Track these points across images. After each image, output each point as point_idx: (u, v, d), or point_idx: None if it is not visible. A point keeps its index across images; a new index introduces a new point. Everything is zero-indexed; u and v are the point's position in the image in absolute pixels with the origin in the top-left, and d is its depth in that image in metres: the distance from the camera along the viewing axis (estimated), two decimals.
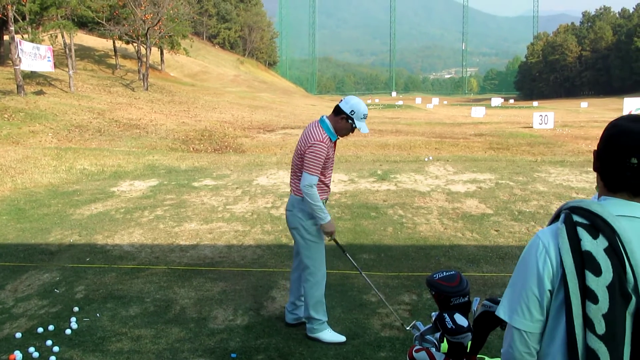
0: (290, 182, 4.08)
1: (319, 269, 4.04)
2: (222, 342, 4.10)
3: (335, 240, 4.11)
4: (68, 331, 4.27)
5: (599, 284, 1.37)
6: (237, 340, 4.11)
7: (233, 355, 3.88)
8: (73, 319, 4.45)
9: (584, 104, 61.19)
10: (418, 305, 4.68)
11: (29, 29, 24.49)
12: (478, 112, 37.44)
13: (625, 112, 34.39)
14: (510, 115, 37.41)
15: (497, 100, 73.50)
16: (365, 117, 3.89)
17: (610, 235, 1.40)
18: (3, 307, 4.86)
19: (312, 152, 3.77)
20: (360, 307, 4.65)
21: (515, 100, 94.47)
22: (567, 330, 1.42)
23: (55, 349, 3.98)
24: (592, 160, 1.59)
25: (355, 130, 3.94)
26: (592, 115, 36.93)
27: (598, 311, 1.37)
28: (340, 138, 4.03)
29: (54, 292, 5.16)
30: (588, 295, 1.38)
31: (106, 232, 7.15)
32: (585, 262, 1.40)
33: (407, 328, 3.99)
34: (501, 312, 1.58)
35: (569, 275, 1.41)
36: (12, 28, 20.98)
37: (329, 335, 4.06)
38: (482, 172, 10.46)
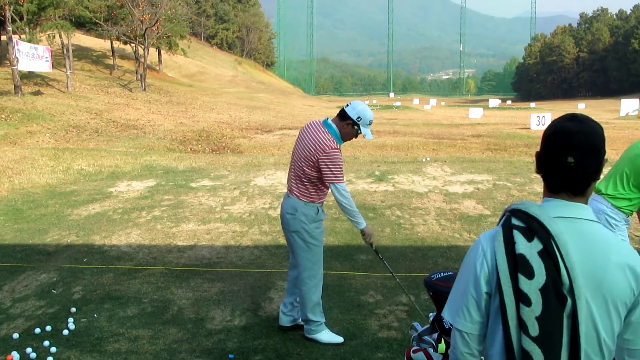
0: (292, 185, 3.94)
1: (318, 271, 4.03)
2: (219, 342, 4.09)
3: (374, 248, 4.05)
4: (65, 332, 4.26)
5: (532, 287, 1.37)
6: (235, 341, 4.11)
7: (231, 356, 3.88)
8: (70, 320, 4.44)
9: (581, 105, 61.32)
10: (416, 306, 4.68)
11: (27, 29, 24.48)
12: (475, 113, 37.51)
13: (622, 114, 34.49)
14: (507, 117, 37.47)
15: (494, 102, 73.58)
16: (370, 123, 3.85)
17: (545, 238, 1.40)
18: (0, 308, 4.85)
19: (331, 160, 3.72)
20: (358, 308, 4.66)
21: (512, 102, 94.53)
22: (504, 333, 1.42)
23: (53, 349, 3.97)
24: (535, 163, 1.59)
25: (367, 136, 3.89)
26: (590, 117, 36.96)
27: (531, 314, 1.37)
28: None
29: (51, 292, 5.15)
30: (521, 298, 1.38)
31: (104, 232, 7.14)
32: (518, 265, 1.40)
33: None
34: (446, 313, 1.61)
35: (503, 278, 1.41)
36: (9, 28, 20.94)
37: (327, 336, 4.05)
38: (479, 173, 10.47)
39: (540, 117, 23.54)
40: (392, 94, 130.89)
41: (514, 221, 1.46)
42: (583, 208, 1.50)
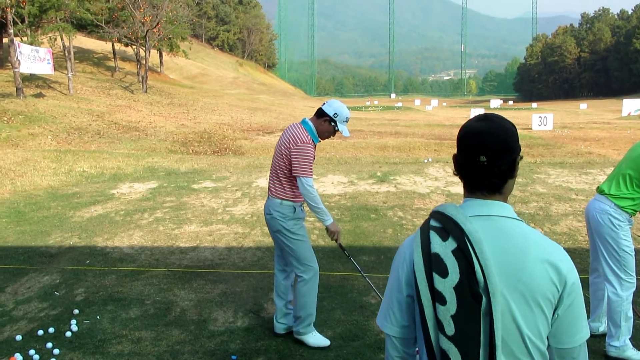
0: (270, 184, 4.00)
1: (310, 266, 4.00)
2: (222, 344, 4.09)
3: (339, 244, 4.10)
4: (68, 334, 4.26)
5: (446, 285, 1.37)
6: (238, 343, 4.11)
7: (233, 357, 3.87)
8: (73, 322, 4.44)
9: (583, 105, 61.22)
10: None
11: (28, 32, 24.50)
12: (477, 113, 37.43)
13: (624, 114, 34.46)
14: (509, 117, 36.86)
15: (496, 102, 73.49)
16: (347, 120, 3.91)
17: (459, 237, 1.39)
18: (3, 310, 4.86)
19: (300, 153, 3.76)
20: (361, 309, 4.65)
21: (514, 102, 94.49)
22: (423, 332, 1.42)
23: (56, 351, 3.97)
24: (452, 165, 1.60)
25: (344, 133, 3.95)
26: (591, 117, 36.95)
27: (447, 312, 1.37)
28: (324, 140, 4.05)
29: (54, 294, 5.16)
30: (437, 297, 1.38)
31: (106, 234, 7.15)
32: (432, 264, 1.40)
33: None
34: (377, 319, 1.62)
35: (419, 277, 1.42)
36: (11, 31, 21.00)
37: (313, 339, 4.02)
38: None
39: (542, 117, 23.52)
40: (393, 95, 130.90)
41: (432, 222, 1.48)
42: (501, 206, 1.50)
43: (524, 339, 1.41)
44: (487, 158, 1.45)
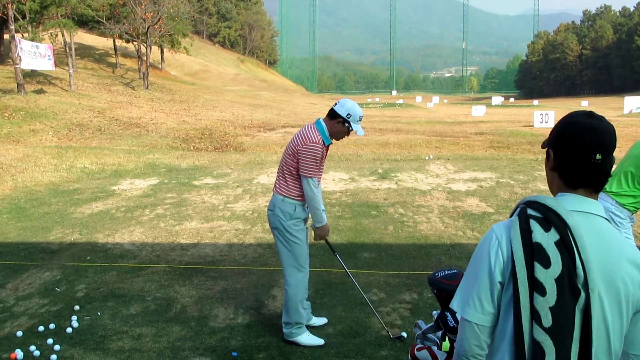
0: (276, 181, 4.00)
1: (300, 269, 3.96)
2: (223, 340, 4.09)
3: (326, 241, 4.11)
4: (69, 330, 4.27)
5: (547, 276, 1.37)
6: (238, 339, 4.11)
7: (234, 353, 3.87)
8: (74, 318, 4.45)
9: (584, 102, 61.12)
10: (419, 304, 4.68)
11: (29, 28, 24.51)
12: (478, 110, 37.43)
13: (625, 111, 34.37)
14: (510, 114, 37.41)
15: (497, 99, 73.46)
16: (360, 119, 3.87)
17: (562, 229, 1.40)
18: (4, 306, 4.86)
19: (308, 153, 3.75)
20: (362, 306, 4.64)
21: (515, 99, 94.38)
22: (515, 322, 1.41)
23: (57, 347, 3.98)
24: (545, 160, 1.58)
25: (358, 133, 3.92)
26: None
27: (545, 303, 1.36)
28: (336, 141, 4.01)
29: (54, 290, 5.16)
30: (536, 286, 1.38)
31: (107, 230, 7.15)
32: (534, 253, 1.40)
33: (391, 337, 4.01)
34: (455, 304, 1.57)
35: (518, 266, 1.41)
36: (12, 27, 20.99)
37: (307, 338, 4.00)
38: (482, 170, 10.45)
39: (543, 114, 23.47)
40: (394, 92, 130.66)
41: (530, 211, 1.47)
42: (597, 204, 1.50)
43: (608, 338, 1.41)
44: (602, 156, 1.46)
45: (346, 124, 3.83)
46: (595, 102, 65.32)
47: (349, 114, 3.81)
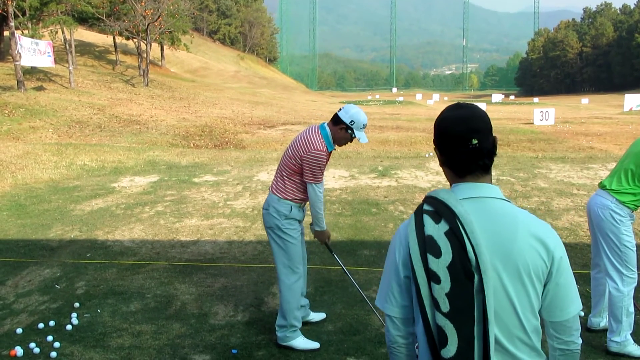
0: (273, 181, 3.97)
1: (294, 271, 3.92)
2: (223, 337, 4.09)
3: (325, 243, 4.09)
4: (69, 327, 4.27)
5: (440, 265, 1.45)
6: (238, 336, 4.11)
7: (234, 351, 3.88)
8: (74, 315, 4.45)
9: (584, 100, 60.99)
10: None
11: (29, 25, 24.44)
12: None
13: (626, 109, 34.35)
14: (510, 112, 37.36)
15: (497, 97, 73.27)
16: (364, 126, 3.78)
17: (451, 219, 1.47)
18: (4, 303, 4.86)
19: (313, 161, 3.71)
20: (362, 303, 4.65)
21: (515, 97, 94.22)
22: (420, 310, 1.50)
23: (56, 344, 3.98)
24: (437, 157, 1.67)
25: (362, 140, 3.83)
26: (593, 112, 36.84)
27: (441, 290, 1.44)
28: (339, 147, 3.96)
29: (54, 287, 5.16)
30: (432, 276, 1.46)
31: (107, 227, 7.15)
32: (427, 246, 1.48)
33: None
34: (377, 301, 1.70)
35: (414, 259, 1.50)
36: (12, 24, 20.95)
37: (302, 342, 3.93)
38: None
39: (543, 112, 23.43)
40: (394, 89, 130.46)
41: (425, 207, 1.56)
42: (490, 188, 1.58)
43: (517, 314, 1.48)
44: (478, 140, 1.53)
45: (349, 131, 3.75)
46: (595, 99, 65.28)
47: (352, 121, 3.72)
